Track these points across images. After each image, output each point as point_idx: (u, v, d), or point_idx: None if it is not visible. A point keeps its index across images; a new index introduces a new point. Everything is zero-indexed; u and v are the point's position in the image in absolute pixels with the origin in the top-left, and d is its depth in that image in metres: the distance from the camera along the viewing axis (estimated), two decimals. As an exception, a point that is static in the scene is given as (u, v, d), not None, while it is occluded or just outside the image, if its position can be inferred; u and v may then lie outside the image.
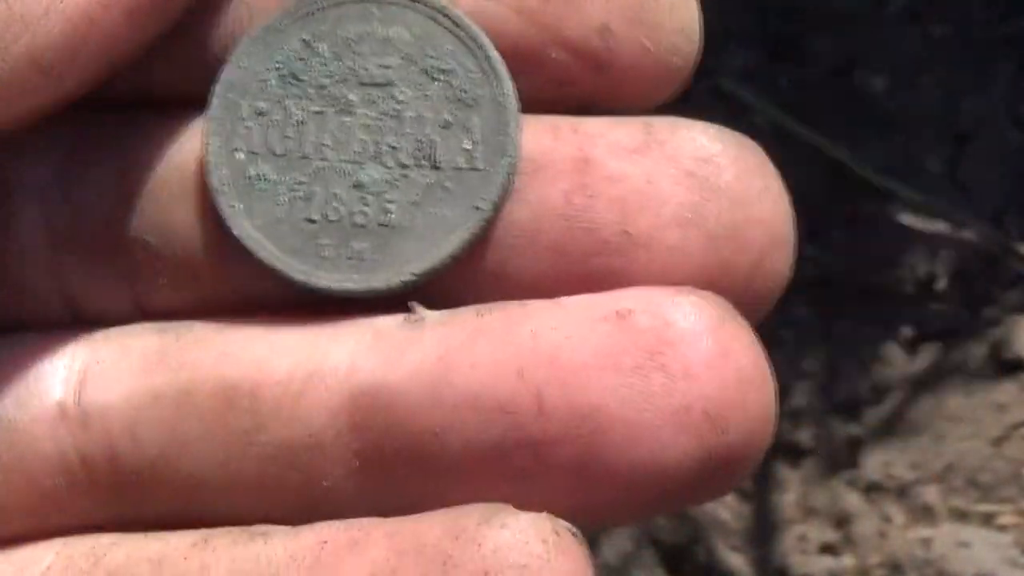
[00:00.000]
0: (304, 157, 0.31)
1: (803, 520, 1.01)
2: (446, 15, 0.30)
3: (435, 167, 0.30)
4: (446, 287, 0.30)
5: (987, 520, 0.98)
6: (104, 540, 0.30)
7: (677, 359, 0.27)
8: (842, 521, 1.00)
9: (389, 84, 0.31)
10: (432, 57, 0.31)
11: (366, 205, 0.31)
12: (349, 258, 0.30)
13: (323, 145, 0.31)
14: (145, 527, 0.30)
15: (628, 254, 0.28)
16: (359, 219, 0.31)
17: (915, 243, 1.05)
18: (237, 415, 0.29)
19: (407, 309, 0.30)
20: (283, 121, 0.31)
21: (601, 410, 0.27)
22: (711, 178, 0.28)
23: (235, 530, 0.29)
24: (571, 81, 0.29)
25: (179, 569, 0.29)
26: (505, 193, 0.30)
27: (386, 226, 0.30)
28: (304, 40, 0.31)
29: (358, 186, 0.31)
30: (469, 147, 0.30)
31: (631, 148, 0.28)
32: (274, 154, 0.31)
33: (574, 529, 0.27)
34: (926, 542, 0.97)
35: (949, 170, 1.07)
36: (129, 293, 0.31)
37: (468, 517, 0.27)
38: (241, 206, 0.31)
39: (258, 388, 0.29)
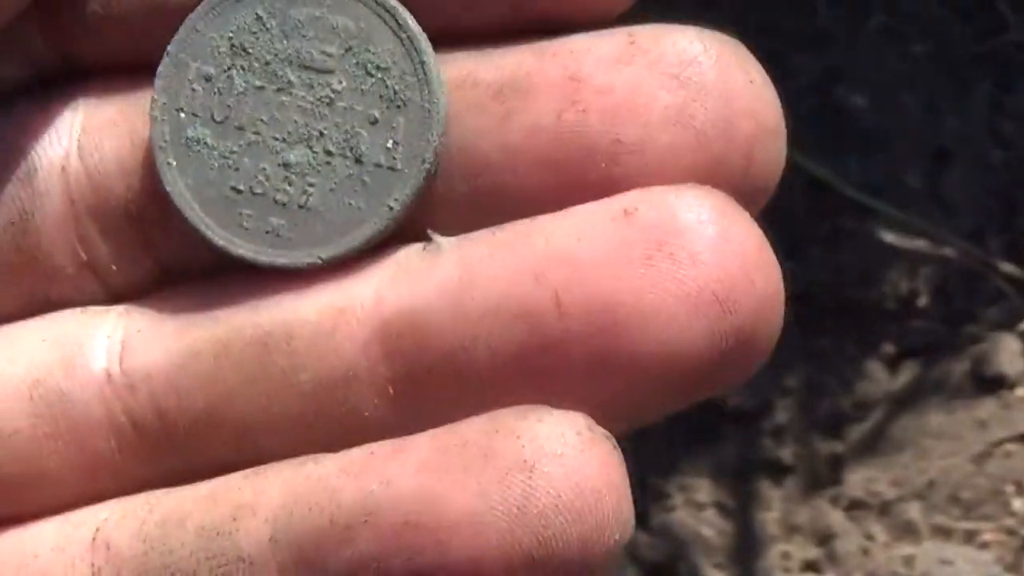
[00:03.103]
0: (240, 128, 0.32)
1: (786, 538, 1.01)
2: (392, 15, 0.31)
3: (357, 160, 0.31)
4: (458, 214, 0.31)
5: (969, 537, 0.98)
6: (157, 493, 0.32)
7: (684, 247, 0.28)
8: (825, 538, 1.00)
9: (328, 71, 0.32)
10: (372, 53, 0.32)
11: (289, 184, 0.32)
12: (266, 232, 0.32)
13: (259, 120, 0.32)
14: (196, 481, 0.32)
15: (622, 161, 0.29)
16: (280, 196, 0.32)
17: (896, 260, 1.05)
18: (275, 358, 0.31)
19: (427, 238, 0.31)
20: (226, 89, 0.32)
21: (616, 303, 0.28)
22: (695, 78, 0.29)
23: (285, 461, 0.31)
24: (524, 3, 0.30)
25: (232, 498, 0.31)
26: (417, 196, 0.31)
27: (304, 208, 0.32)
28: (258, 14, 0.32)
29: (284, 165, 0.32)
30: (391, 147, 0.31)
31: (616, 59, 0.29)
32: (213, 120, 0.32)
33: (603, 430, 0.29)
34: (909, 559, 0.97)
35: (930, 187, 1.07)
36: (153, 261, 0.33)
37: (505, 416, 0.29)
38: (176, 164, 0.32)
39: (292, 330, 0.31)
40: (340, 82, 0.32)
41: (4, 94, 0.33)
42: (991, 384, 1.01)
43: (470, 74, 0.31)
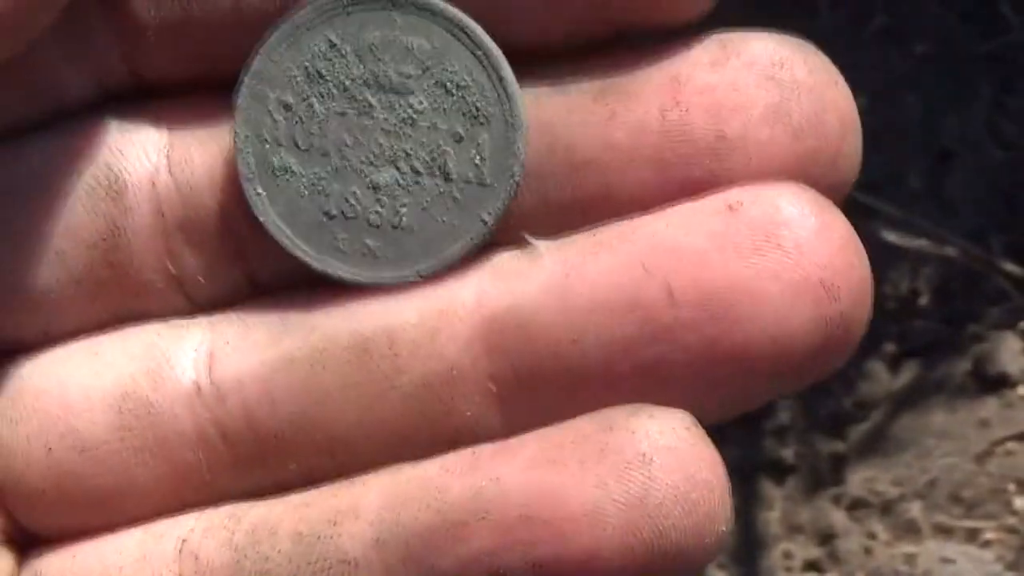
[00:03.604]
0: (325, 154, 0.32)
1: (788, 537, 1.01)
2: (465, 31, 0.32)
3: (446, 177, 0.32)
4: (554, 217, 0.31)
5: (971, 536, 0.98)
6: (242, 505, 0.32)
7: (790, 237, 0.29)
8: (827, 538, 1.00)
9: (407, 92, 0.32)
10: (449, 71, 0.32)
11: (380, 206, 0.32)
12: (363, 253, 0.32)
13: (343, 145, 0.32)
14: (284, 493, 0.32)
15: (725, 156, 0.30)
16: (373, 218, 0.32)
17: (898, 259, 1.06)
18: (375, 361, 0.31)
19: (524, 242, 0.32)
20: (307, 117, 0.32)
21: (728, 291, 0.29)
22: (788, 78, 0.31)
23: (380, 471, 0.31)
24: (607, 11, 0.31)
25: (328, 504, 0.31)
26: (507, 208, 0.32)
27: (397, 227, 0.32)
28: (331, 40, 0.32)
29: (374, 187, 0.32)
30: (478, 162, 0.32)
31: (711, 62, 0.31)
32: (298, 147, 0.32)
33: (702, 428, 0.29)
34: (910, 558, 0.98)
35: (931, 187, 1.08)
36: (242, 272, 0.33)
37: (615, 413, 0.29)
38: (265, 193, 0.32)
39: (393, 334, 0.31)
40: (420, 102, 0.32)
41: (77, 109, 0.33)
42: (993, 383, 1.02)
43: (570, 78, 0.31)
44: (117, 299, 0.33)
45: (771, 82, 0.30)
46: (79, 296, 0.33)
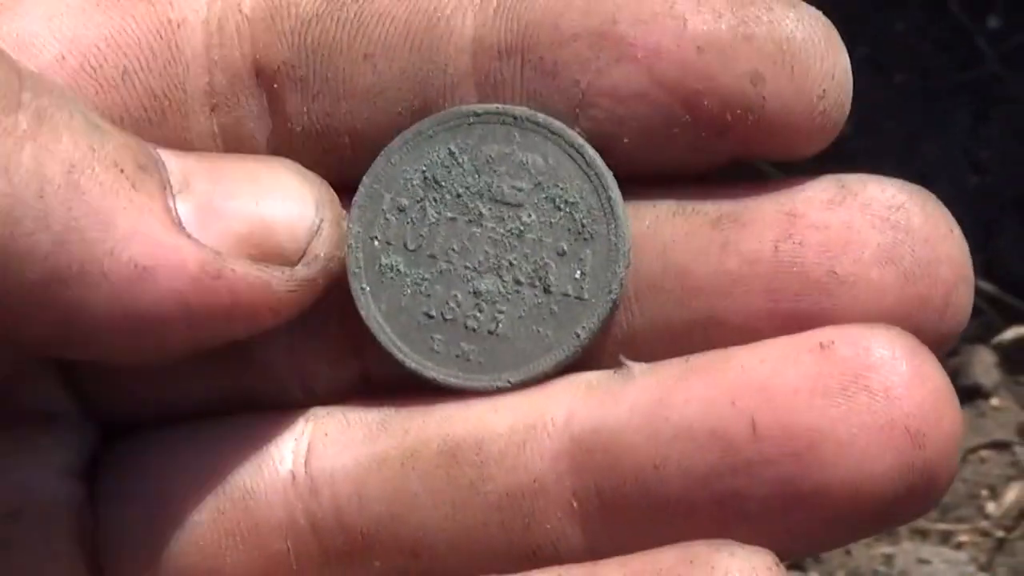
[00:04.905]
0: (432, 256, 0.33)
1: (773, 539, 1.01)
2: (581, 153, 0.32)
3: (546, 290, 0.33)
4: (660, 338, 0.31)
5: (946, 539, 0.99)
6: None
7: (879, 381, 0.28)
8: (810, 540, 1.00)
9: (518, 205, 0.33)
10: (560, 188, 0.33)
11: (479, 312, 0.33)
12: (456, 356, 0.33)
13: (450, 249, 0.33)
14: None
15: (835, 293, 0.30)
16: (471, 323, 0.33)
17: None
18: (463, 468, 0.31)
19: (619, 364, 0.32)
20: (419, 220, 0.33)
21: (812, 429, 0.28)
22: (903, 222, 0.30)
23: None
24: (725, 129, 0.30)
25: None
26: (604, 326, 0.32)
27: (493, 334, 0.33)
28: (451, 150, 0.33)
29: (475, 293, 0.33)
30: (579, 277, 0.32)
31: (828, 200, 0.31)
32: (406, 248, 0.33)
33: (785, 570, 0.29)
34: (888, 559, 0.99)
35: (910, 209, 1.08)
36: (357, 367, 0.34)
37: (697, 548, 0.29)
38: (370, 289, 0.33)
39: (482, 444, 0.31)
40: (529, 215, 0.32)
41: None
42: (967, 394, 1.02)
43: (688, 203, 0.31)
44: (236, 376, 0.34)
45: (886, 224, 0.30)
46: (199, 368, 0.33)
